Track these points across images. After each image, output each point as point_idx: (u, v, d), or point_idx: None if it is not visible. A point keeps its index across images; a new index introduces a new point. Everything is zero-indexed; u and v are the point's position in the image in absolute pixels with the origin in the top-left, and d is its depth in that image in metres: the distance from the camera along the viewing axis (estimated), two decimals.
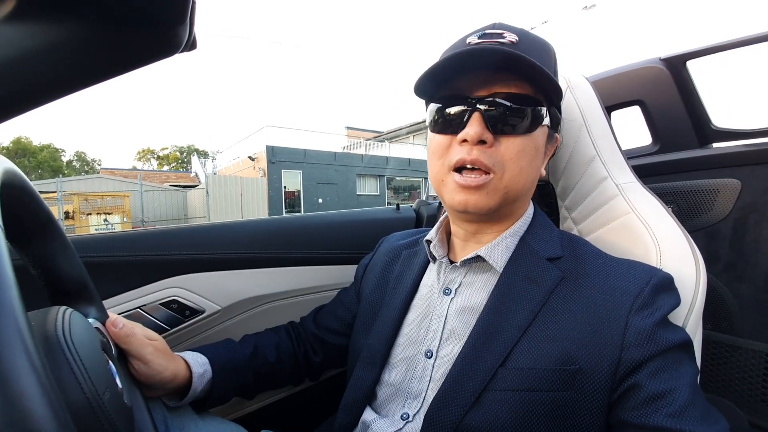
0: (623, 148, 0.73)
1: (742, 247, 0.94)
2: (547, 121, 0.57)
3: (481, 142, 0.54)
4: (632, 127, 1.14)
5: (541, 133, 0.57)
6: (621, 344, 0.48)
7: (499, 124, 0.54)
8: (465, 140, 0.54)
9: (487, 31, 0.56)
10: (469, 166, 0.54)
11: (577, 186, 0.74)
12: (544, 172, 0.62)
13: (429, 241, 0.66)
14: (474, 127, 0.53)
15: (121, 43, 0.34)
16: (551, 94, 0.56)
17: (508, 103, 0.54)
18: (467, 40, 0.57)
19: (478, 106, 0.54)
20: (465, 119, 0.55)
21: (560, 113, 0.61)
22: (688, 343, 0.50)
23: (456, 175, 0.56)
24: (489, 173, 0.54)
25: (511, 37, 0.54)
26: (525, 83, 0.54)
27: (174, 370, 0.64)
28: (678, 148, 1.07)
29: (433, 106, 0.59)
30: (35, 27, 0.30)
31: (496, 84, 0.55)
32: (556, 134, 0.62)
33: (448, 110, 0.57)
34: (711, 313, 0.96)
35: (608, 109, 1.13)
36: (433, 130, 0.60)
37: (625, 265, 0.55)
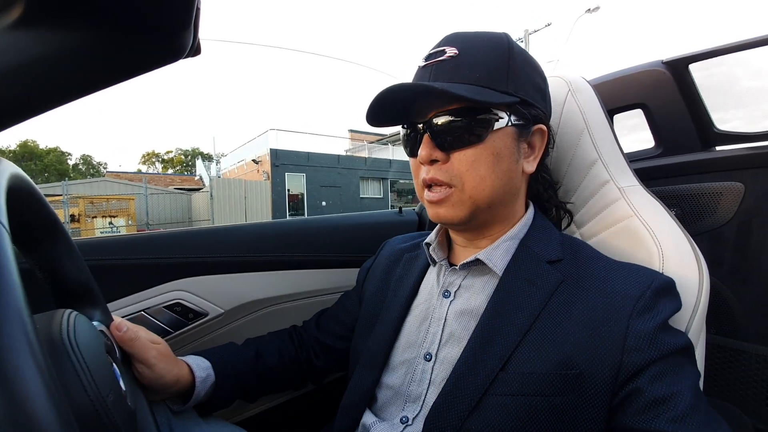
0: (626, 151, 0.73)
1: (746, 251, 0.94)
2: (504, 122, 0.55)
3: (435, 160, 0.56)
4: (635, 130, 1.14)
5: (500, 137, 0.56)
6: (622, 348, 0.48)
7: (447, 141, 0.56)
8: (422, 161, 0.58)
9: (431, 51, 0.58)
10: (430, 184, 0.58)
11: (579, 189, 0.74)
12: (530, 168, 0.60)
13: (429, 244, 0.67)
14: (423, 149, 0.57)
15: (127, 49, 0.34)
16: (497, 98, 0.54)
17: (450, 120, 0.55)
18: (419, 63, 0.59)
19: (425, 128, 0.57)
20: (418, 142, 0.58)
21: (534, 106, 0.58)
22: (689, 348, 0.50)
23: (426, 192, 0.59)
24: (451, 187, 0.56)
25: (451, 51, 0.56)
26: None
27: (177, 374, 0.64)
28: (681, 151, 1.06)
29: (401, 131, 0.63)
30: (42, 34, 0.30)
31: (439, 103, 0.56)
32: (539, 126, 0.60)
33: (407, 135, 0.61)
34: (715, 317, 0.96)
35: (611, 112, 1.13)
36: (406, 153, 0.63)
37: (626, 269, 0.54)
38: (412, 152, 0.60)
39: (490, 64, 0.55)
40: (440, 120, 0.56)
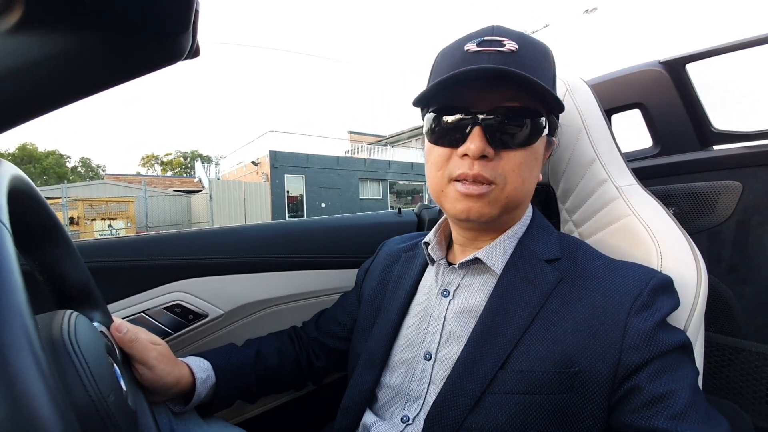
0: (624, 151, 0.73)
1: (745, 249, 0.94)
2: (547, 130, 0.57)
3: (483, 156, 0.53)
4: (632, 130, 1.14)
5: (540, 143, 0.57)
6: (620, 346, 0.48)
7: (500, 138, 0.54)
8: (466, 154, 0.54)
9: (486, 38, 0.54)
10: (463, 179, 0.54)
11: (577, 189, 0.74)
12: (540, 176, 0.61)
13: (427, 243, 0.67)
14: (476, 143, 0.52)
15: (126, 52, 0.34)
16: (551, 103, 0.55)
17: (509, 118, 0.53)
18: (465, 47, 0.55)
19: (479, 120, 0.53)
20: (466, 133, 0.54)
21: (558, 118, 0.61)
22: (687, 345, 0.50)
23: (457, 184, 0.55)
24: (491, 184, 0.54)
25: (510, 45, 0.53)
26: (525, 94, 0.54)
27: (177, 375, 0.64)
28: (678, 150, 1.07)
29: (431, 116, 0.57)
30: (42, 36, 0.31)
31: (496, 96, 0.54)
32: (553, 138, 0.62)
33: (447, 122, 0.56)
34: (714, 315, 0.96)
35: (609, 112, 1.13)
36: (431, 141, 0.58)
37: (624, 267, 0.55)
38: (453, 142, 0.55)
39: (544, 69, 0.55)
40: (501, 116, 0.53)
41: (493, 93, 0.54)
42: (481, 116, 0.53)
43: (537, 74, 0.52)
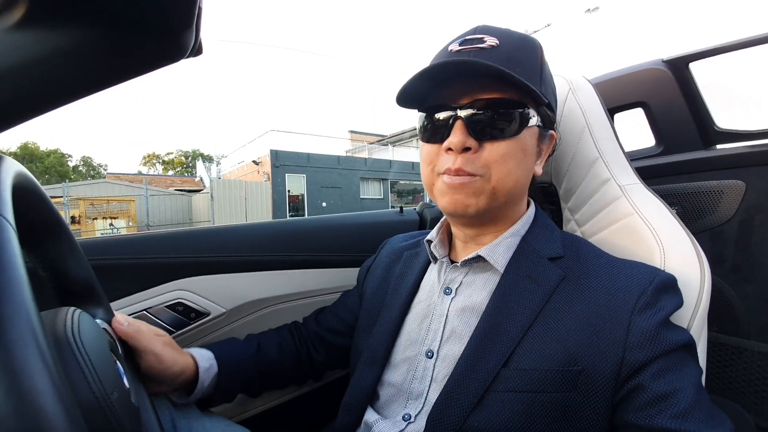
0: (626, 150, 0.73)
1: (748, 249, 0.94)
2: (535, 121, 0.56)
3: (467, 149, 0.54)
4: (635, 129, 1.14)
5: (529, 135, 0.57)
6: (624, 345, 0.48)
7: (483, 130, 0.55)
8: (450, 148, 0.55)
9: (467, 37, 0.56)
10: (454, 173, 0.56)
11: (580, 188, 0.74)
12: (539, 171, 0.61)
13: (430, 241, 0.67)
14: (456, 136, 0.54)
15: (129, 49, 0.34)
16: (533, 94, 0.55)
17: (489, 109, 0.54)
18: (449, 48, 0.57)
19: (460, 113, 0.55)
20: (449, 127, 0.56)
21: (553, 111, 0.61)
22: (691, 344, 0.50)
23: (444, 177, 0.57)
24: (475, 176, 0.55)
25: (491, 41, 0.55)
26: (506, 86, 0.54)
27: (183, 364, 0.65)
28: (681, 149, 1.06)
29: (421, 115, 0.60)
30: (44, 33, 0.30)
31: (478, 91, 0.55)
32: (552, 132, 0.62)
33: (433, 119, 0.58)
34: (717, 315, 0.96)
35: (611, 111, 1.13)
36: (422, 139, 0.61)
37: (628, 266, 0.55)
38: (439, 138, 0.57)
39: (527, 62, 0.56)
40: (480, 107, 0.54)
41: (476, 88, 0.55)
42: (461, 110, 0.55)
43: (518, 66, 0.53)
